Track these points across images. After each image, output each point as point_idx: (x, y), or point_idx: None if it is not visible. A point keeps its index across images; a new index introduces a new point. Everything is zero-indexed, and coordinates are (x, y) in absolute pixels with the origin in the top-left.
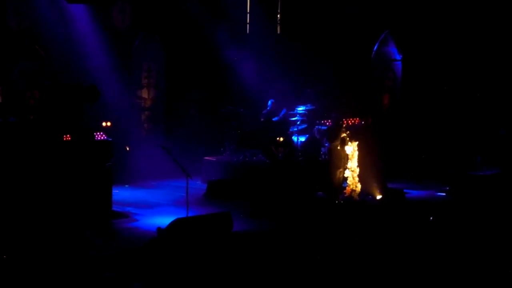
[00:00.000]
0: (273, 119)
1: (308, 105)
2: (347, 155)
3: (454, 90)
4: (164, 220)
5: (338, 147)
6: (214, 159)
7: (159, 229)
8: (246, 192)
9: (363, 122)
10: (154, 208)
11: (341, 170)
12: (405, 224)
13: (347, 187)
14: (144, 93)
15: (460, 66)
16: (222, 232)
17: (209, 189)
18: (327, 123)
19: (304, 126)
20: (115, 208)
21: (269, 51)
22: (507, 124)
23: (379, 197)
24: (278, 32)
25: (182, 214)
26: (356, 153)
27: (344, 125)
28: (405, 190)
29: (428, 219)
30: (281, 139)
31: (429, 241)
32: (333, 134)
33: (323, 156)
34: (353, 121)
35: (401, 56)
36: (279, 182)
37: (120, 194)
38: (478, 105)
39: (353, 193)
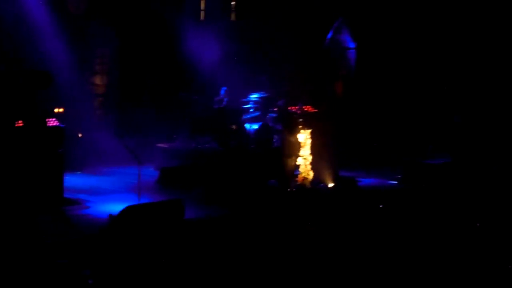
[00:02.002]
0: (222, 105)
1: (261, 92)
2: (300, 143)
3: (408, 78)
4: (116, 207)
5: (290, 135)
6: (167, 146)
7: (110, 216)
8: (199, 179)
9: (316, 110)
10: (106, 195)
11: (293, 158)
12: (356, 212)
13: (299, 175)
14: (98, 80)
15: (413, 54)
16: (174, 219)
17: (161, 176)
18: (276, 111)
19: (257, 113)
20: (66, 195)
21: (223, 38)
22: (461, 112)
23: (331, 185)
24: (232, 18)
25: (134, 201)
26: (309, 141)
27: (295, 112)
28: (357, 179)
29: (378, 206)
30: (234, 127)
31: (378, 229)
32: (285, 121)
33: (275, 144)
34: (306, 109)
35: (355, 44)
36: (232, 170)
37: (72, 180)
38: (431, 93)
39: (305, 180)
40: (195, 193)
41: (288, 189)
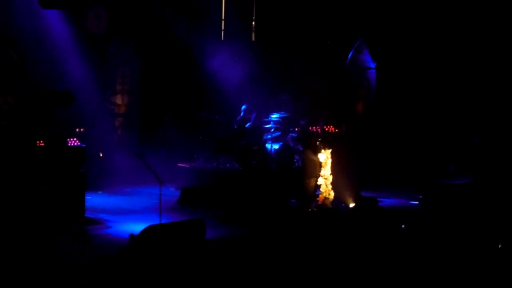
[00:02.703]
0: (246, 125)
1: (282, 112)
2: (321, 162)
3: (428, 98)
4: (137, 227)
5: (312, 155)
6: (188, 166)
7: (131, 236)
8: (220, 199)
9: (337, 130)
10: (127, 215)
11: (314, 178)
12: (377, 232)
13: (320, 195)
14: (119, 99)
15: (434, 74)
16: (195, 238)
17: (182, 196)
18: (297, 131)
19: (277, 133)
20: (88, 214)
21: (244, 58)
22: (481, 133)
23: (352, 205)
24: (253, 39)
25: (155, 221)
26: (330, 160)
27: (316, 132)
28: (378, 199)
29: (400, 227)
30: (255, 147)
31: (401, 249)
32: (305, 141)
33: (296, 164)
34: (327, 129)
35: (375, 64)
36: (253, 190)
37: (93, 200)
38: (452, 113)
39: (326, 201)
40: (216, 213)
41: (309, 209)
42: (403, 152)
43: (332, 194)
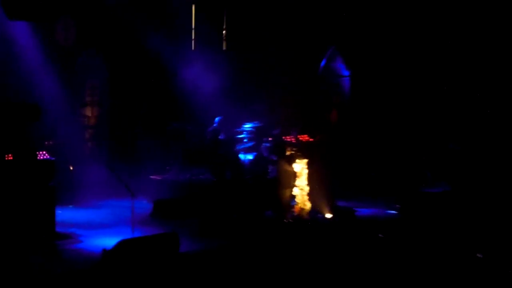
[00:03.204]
0: (219, 136)
1: (255, 122)
2: (295, 173)
3: (403, 104)
4: (110, 241)
5: (286, 165)
6: (160, 178)
7: (104, 250)
8: (194, 211)
9: (311, 139)
10: (99, 229)
11: (289, 188)
12: (355, 242)
13: (296, 206)
14: (88, 111)
15: (408, 80)
16: (169, 252)
17: (155, 209)
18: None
19: (251, 143)
20: (59, 229)
21: (216, 67)
22: (456, 139)
23: (328, 215)
24: (224, 48)
25: (127, 235)
26: (306, 170)
27: (289, 142)
28: (355, 208)
29: (378, 236)
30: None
31: (378, 258)
32: (279, 151)
33: (271, 174)
34: (301, 138)
35: (348, 72)
36: (227, 201)
37: (64, 214)
38: (427, 120)
39: (302, 211)
40: (190, 226)
41: (285, 220)
42: (378, 160)
43: (308, 204)
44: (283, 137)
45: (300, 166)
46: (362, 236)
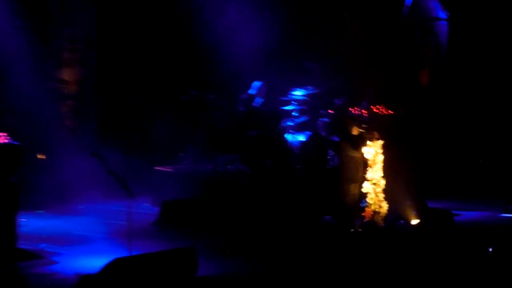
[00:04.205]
0: (258, 108)
1: (309, 87)
2: (366, 160)
3: None
4: (96, 262)
5: (353, 150)
6: (171, 170)
7: (84, 277)
8: (218, 218)
9: (391, 112)
10: (81, 244)
11: (357, 183)
12: (455, 259)
13: (367, 208)
14: (66, 74)
15: None
16: (183, 277)
17: (163, 214)
18: (331, 114)
19: (303, 119)
20: (23, 245)
21: (255, 12)
22: None
23: (415, 221)
24: None
25: (122, 253)
26: (381, 158)
27: (359, 116)
28: (454, 211)
29: (486, 251)
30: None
31: (488, 281)
32: (343, 130)
33: (331, 163)
34: (376, 111)
35: (446, 14)
36: (267, 202)
37: (31, 224)
38: None
39: (376, 216)
40: (212, 238)
41: (352, 229)
42: (489, 143)
43: (385, 206)
44: (349, 109)
45: (373, 151)
46: (464, 251)
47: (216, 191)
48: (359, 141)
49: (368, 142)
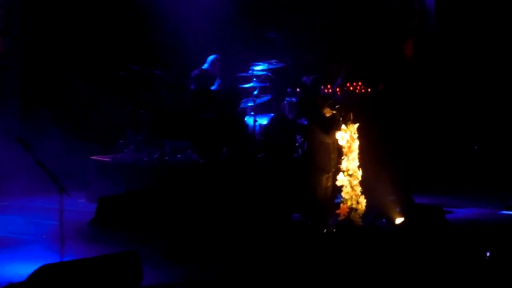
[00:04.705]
0: (212, 87)
1: (273, 61)
2: (341, 148)
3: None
4: (22, 269)
5: (324, 134)
6: (109, 160)
7: (7, 287)
8: (166, 216)
9: (369, 90)
10: (5, 249)
11: (330, 174)
12: (446, 266)
13: (341, 204)
14: None
15: None
16: (124, 286)
17: (100, 212)
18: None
19: (265, 98)
20: None
21: None
22: None
23: (399, 220)
24: None
25: (53, 258)
26: (357, 144)
27: (331, 95)
28: (446, 209)
29: (483, 255)
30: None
31: None
32: (313, 111)
33: (299, 151)
34: (351, 88)
35: None
36: (224, 198)
37: None
38: None
39: (353, 214)
40: (159, 240)
41: (324, 230)
42: (483, 127)
43: (363, 202)
44: (320, 87)
45: (348, 136)
46: (457, 257)
47: (163, 184)
48: (332, 124)
49: (342, 126)
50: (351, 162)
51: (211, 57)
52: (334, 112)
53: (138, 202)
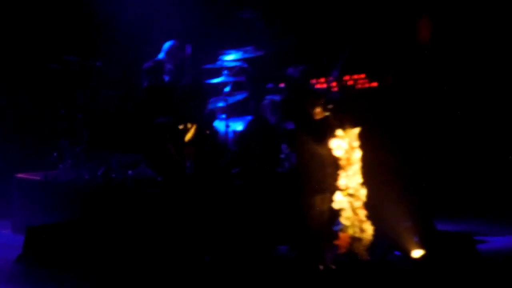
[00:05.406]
0: (169, 83)
1: (249, 48)
2: (338, 160)
3: None
4: None
5: (316, 143)
6: (39, 178)
7: None
8: (112, 250)
9: (374, 85)
10: None
11: (326, 194)
12: None
13: (341, 233)
14: None
15: None
16: None
17: (29, 246)
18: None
19: (241, 96)
20: None
21: None
22: None
23: (417, 252)
24: None
25: None
26: (358, 154)
27: (324, 91)
28: (477, 237)
29: None
30: (191, 128)
31: None
32: (302, 113)
33: (285, 165)
34: (351, 83)
35: None
36: (189, 226)
37: None
38: None
39: (356, 245)
40: (104, 281)
41: (321, 266)
42: None
43: (369, 229)
44: (311, 82)
45: (347, 145)
46: None
47: (109, 209)
48: (325, 130)
49: (338, 131)
50: (351, 178)
51: (167, 44)
52: (328, 113)
53: (76, 233)
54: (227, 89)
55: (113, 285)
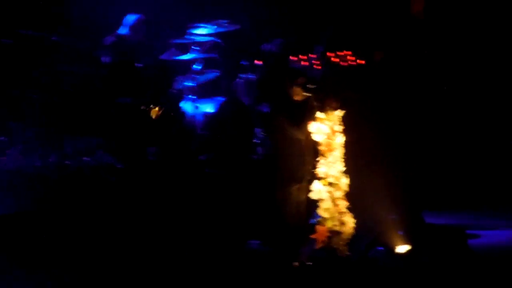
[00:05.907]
0: (133, 60)
1: (222, 21)
2: (317, 146)
3: None
4: None
5: (294, 128)
6: None
7: None
8: (69, 245)
9: (361, 62)
10: None
11: (302, 184)
12: None
13: (319, 226)
14: None
15: None
16: None
17: None
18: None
19: (211, 75)
20: None
21: None
22: None
23: (402, 248)
24: None
25: None
26: (340, 140)
27: (305, 70)
28: (469, 231)
29: None
30: (156, 109)
31: None
32: (279, 94)
33: (259, 151)
34: (336, 60)
35: None
36: (153, 218)
37: None
38: None
39: (336, 239)
40: (58, 282)
41: (296, 262)
42: None
43: (350, 222)
44: (290, 59)
45: (328, 129)
46: None
47: (63, 200)
48: (305, 113)
49: (319, 114)
50: (331, 166)
51: (131, 18)
52: (308, 94)
53: (25, 226)
54: (197, 67)
55: (65, 282)
